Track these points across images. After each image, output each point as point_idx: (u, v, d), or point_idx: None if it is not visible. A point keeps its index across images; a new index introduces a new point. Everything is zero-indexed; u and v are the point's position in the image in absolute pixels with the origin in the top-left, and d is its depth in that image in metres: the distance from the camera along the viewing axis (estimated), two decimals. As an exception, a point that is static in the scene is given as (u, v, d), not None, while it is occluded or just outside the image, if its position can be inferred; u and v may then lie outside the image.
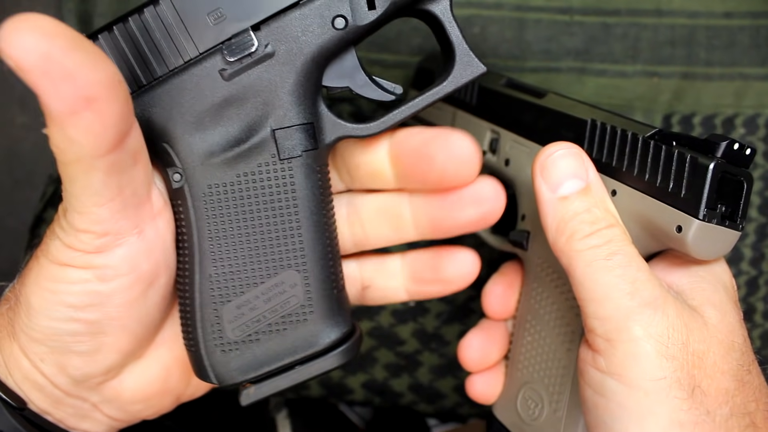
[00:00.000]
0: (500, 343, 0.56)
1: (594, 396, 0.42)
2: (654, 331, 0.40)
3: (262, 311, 0.45)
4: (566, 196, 0.44)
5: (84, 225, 0.41)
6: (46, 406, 0.46)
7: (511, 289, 0.56)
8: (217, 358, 0.45)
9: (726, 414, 0.40)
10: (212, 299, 0.45)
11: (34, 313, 0.43)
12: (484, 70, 0.46)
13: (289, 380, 0.46)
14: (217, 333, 0.45)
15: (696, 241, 0.41)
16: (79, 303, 0.42)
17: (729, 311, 0.42)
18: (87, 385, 0.46)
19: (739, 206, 0.42)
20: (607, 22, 0.68)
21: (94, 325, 0.43)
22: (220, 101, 0.43)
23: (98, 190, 0.39)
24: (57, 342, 0.44)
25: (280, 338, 0.45)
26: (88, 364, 0.45)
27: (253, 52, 0.43)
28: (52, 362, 0.44)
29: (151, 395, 0.48)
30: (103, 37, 0.42)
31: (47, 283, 0.42)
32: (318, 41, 0.43)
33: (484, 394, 0.56)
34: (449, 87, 0.46)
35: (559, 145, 0.45)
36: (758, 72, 0.69)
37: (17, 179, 0.43)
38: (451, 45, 0.45)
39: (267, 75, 0.43)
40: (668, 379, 0.39)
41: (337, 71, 0.45)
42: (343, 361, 0.46)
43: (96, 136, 0.37)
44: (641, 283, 0.41)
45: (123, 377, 0.47)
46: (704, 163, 0.40)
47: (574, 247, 0.42)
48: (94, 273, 0.42)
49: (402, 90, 0.47)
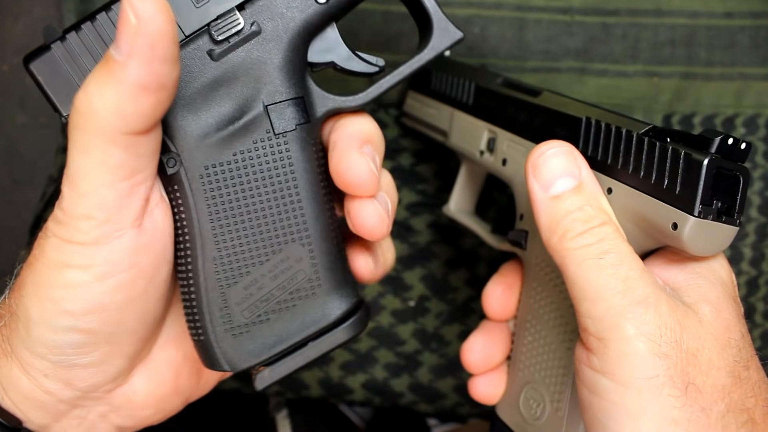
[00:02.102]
0: (502, 344, 0.56)
1: (589, 395, 0.42)
2: (646, 330, 0.40)
3: (270, 289, 0.45)
4: (558, 194, 0.44)
5: (85, 209, 0.40)
6: (47, 422, 0.45)
7: (511, 290, 0.55)
8: (228, 343, 0.45)
9: (722, 410, 0.39)
10: (218, 282, 0.45)
11: (34, 326, 0.42)
12: (461, 36, 0.46)
13: (303, 358, 0.46)
14: (225, 317, 0.45)
15: (692, 238, 0.41)
16: (79, 310, 0.42)
17: (725, 308, 0.42)
18: (95, 395, 0.45)
19: (736, 201, 0.41)
20: (607, 22, 0.68)
21: (96, 335, 0.43)
22: (211, 81, 0.44)
23: (113, 168, 0.40)
24: (60, 356, 0.43)
25: (290, 315, 0.45)
26: (94, 375, 0.44)
27: (240, 30, 0.43)
28: (57, 377, 0.43)
29: (163, 397, 0.48)
30: (86, 26, 0.43)
31: (45, 291, 0.42)
32: (302, 16, 0.44)
33: (487, 395, 0.56)
34: (429, 55, 0.47)
35: (550, 143, 0.45)
36: (758, 72, 0.69)
37: (17, 179, 0.43)
38: (427, 15, 0.46)
39: (255, 52, 0.44)
40: (661, 377, 0.39)
41: (321, 46, 0.46)
42: (355, 332, 0.46)
43: (154, 112, 0.39)
44: (633, 281, 0.41)
45: (133, 381, 0.47)
46: (698, 159, 0.40)
47: (567, 246, 0.42)
48: (93, 273, 0.41)
49: (384, 62, 0.48)
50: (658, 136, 0.43)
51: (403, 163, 0.69)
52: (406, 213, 0.70)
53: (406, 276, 0.70)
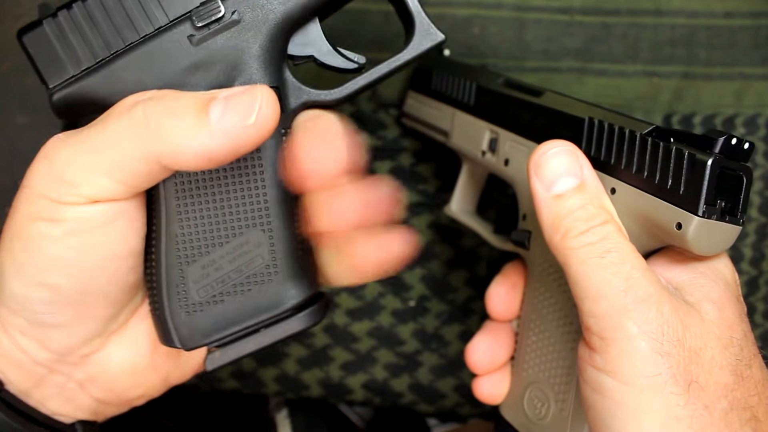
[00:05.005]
0: (506, 344, 0.56)
1: (592, 394, 0.42)
2: (648, 329, 0.40)
3: (227, 271, 0.45)
4: (560, 193, 0.44)
5: (77, 178, 0.41)
6: (27, 387, 0.45)
7: (514, 290, 0.55)
8: (181, 320, 0.45)
9: (725, 408, 0.40)
10: (177, 259, 0.45)
11: (7, 279, 0.43)
12: (442, 38, 0.47)
13: (254, 344, 0.46)
14: (182, 294, 0.45)
15: (696, 238, 0.41)
16: (46, 264, 0.42)
17: (728, 307, 0.42)
18: (71, 359, 0.46)
19: (739, 201, 0.41)
20: (607, 22, 0.68)
21: (64, 292, 0.43)
22: (188, 66, 0.44)
23: (114, 167, 0.41)
24: (31, 313, 0.43)
25: (244, 299, 0.45)
26: (68, 336, 0.44)
27: (221, 18, 0.44)
28: (32, 336, 0.44)
29: (140, 370, 0.48)
30: (77, 5, 0.44)
31: (17, 242, 0.42)
32: (282, 8, 0.45)
33: (491, 395, 0.56)
34: (408, 55, 0.47)
35: (552, 143, 0.45)
36: (758, 72, 0.69)
37: (17, 179, 0.43)
38: (410, 15, 0.47)
39: (234, 40, 0.44)
40: (663, 376, 0.39)
41: (301, 40, 0.47)
42: (308, 323, 0.46)
43: (216, 159, 0.41)
44: (635, 280, 0.41)
45: (109, 349, 0.47)
46: (702, 159, 0.40)
47: (569, 245, 0.42)
48: (63, 228, 0.42)
49: (365, 60, 0.48)
50: (662, 136, 0.43)
51: (403, 163, 0.69)
52: (406, 213, 0.70)
53: (406, 276, 0.70)
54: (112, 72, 0.45)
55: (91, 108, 0.45)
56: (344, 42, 0.65)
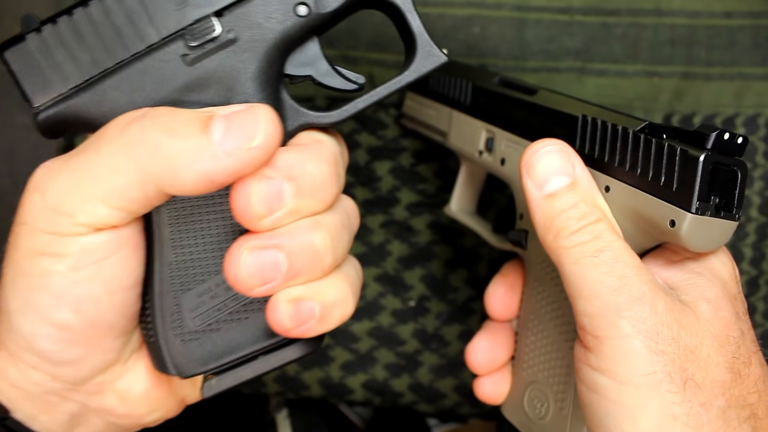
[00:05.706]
0: (507, 344, 0.56)
1: (588, 393, 0.42)
2: (643, 327, 0.40)
3: (224, 299, 0.44)
4: (552, 192, 0.44)
5: (74, 208, 0.40)
6: (36, 412, 0.44)
7: (514, 290, 0.55)
8: (176, 348, 0.44)
9: (722, 405, 0.39)
10: (172, 287, 0.44)
11: (13, 317, 0.42)
12: (445, 60, 0.45)
13: (251, 371, 0.45)
14: (176, 322, 0.44)
15: (690, 235, 0.40)
16: (52, 301, 0.41)
17: (724, 306, 0.42)
18: (88, 388, 0.45)
19: (734, 196, 0.41)
20: (607, 22, 0.68)
21: (72, 330, 0.42)
22: (182, 86, 0.43)
23: (109, 191, 0.40)
24: (41, 351, 0.42)
25: (241, 327, 0.44)
26: (79, 370, 0.43)
27: (216, 37, 0.43)
28: (44, 370, 0.43)
29: (157, 395, 0.47)
30: (62, 20, 0.42)
31: (21, 280, 0.41)
32: (280, 28, 0.43)
33: (492, 395, 0.55)
34: (409, 77, 0.46)
35: (543, 141, 0.45)
36: (758, 72, 0.69)
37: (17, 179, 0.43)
38: (412, 35, 0.45)
39: (229, 61, 0.43)
40: (659, 374, 0.39)
41: (299, 59, 0.45)
42: (305, 351, 0.45)
43: (218, 183, 0.40)
44: (629, 278, 0.40)
45: (127, 378, 0.46)
46: (694, 155, 0.40)
47: (562, 244, 0.42)
48: (67, 263, 0.40)
49: (364, 80, 0.47)
50: (654, 132, 0.42)
51: (403, 163, 0.69)
52: (406, 213, 0.70)
53: (406, 276, 0.70)
54: (101, 91, 0.43)
55: (80, 128, 0.44)
56: (344, 42, 0.66)
